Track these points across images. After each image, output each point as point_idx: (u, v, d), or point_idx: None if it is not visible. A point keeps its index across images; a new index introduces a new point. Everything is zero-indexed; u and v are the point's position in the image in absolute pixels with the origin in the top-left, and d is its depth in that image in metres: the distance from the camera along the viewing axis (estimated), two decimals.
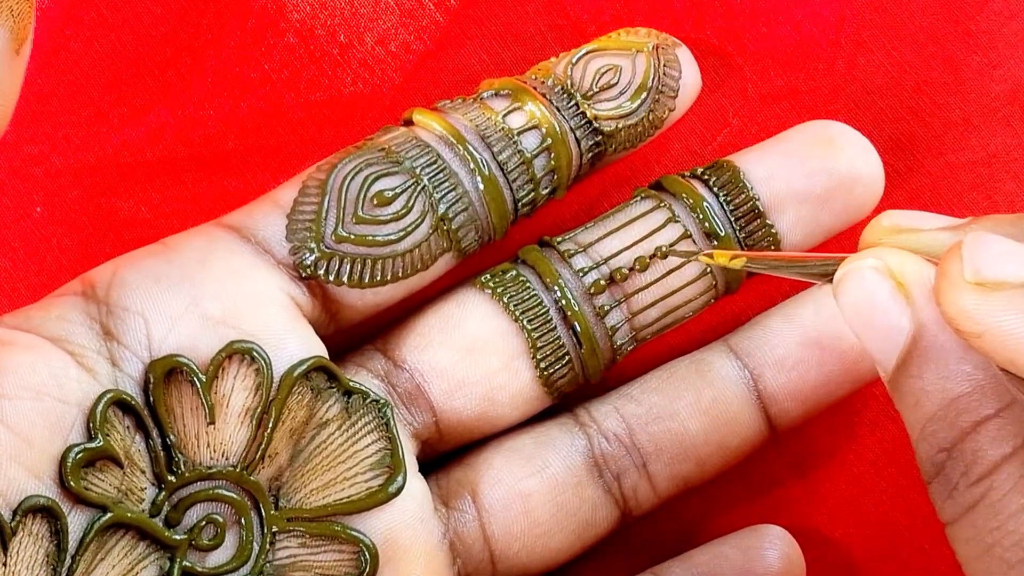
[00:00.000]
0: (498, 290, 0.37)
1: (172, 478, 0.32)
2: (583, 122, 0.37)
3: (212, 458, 0.33)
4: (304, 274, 0.34)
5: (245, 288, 0.34)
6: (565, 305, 0.36)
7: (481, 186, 0.35)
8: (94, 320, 0.33)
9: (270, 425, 0.33)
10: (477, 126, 0.36)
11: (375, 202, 0.35)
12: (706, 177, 0.38)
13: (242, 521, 0.33)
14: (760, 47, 0.41)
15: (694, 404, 0.37)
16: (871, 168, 0.37)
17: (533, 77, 0.37)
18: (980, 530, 0.27)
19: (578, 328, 0.36)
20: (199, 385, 0.33)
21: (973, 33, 0.41)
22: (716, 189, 0.37)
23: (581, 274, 0.37)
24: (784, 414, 0.37)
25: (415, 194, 0.35)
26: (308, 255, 0.34)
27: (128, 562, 0.32)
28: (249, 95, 0.40)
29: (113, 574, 0.31)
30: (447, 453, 0.37)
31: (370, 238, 0.34)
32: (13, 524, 0.30)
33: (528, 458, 0.37)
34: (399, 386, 0.36)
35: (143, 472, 0.32)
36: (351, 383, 0.35)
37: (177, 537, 0.32)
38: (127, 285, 0.33)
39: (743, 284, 0.38)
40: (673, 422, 0.37)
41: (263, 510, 0.33)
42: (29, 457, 0.30)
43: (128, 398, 0.32)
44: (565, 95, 0.37)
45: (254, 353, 0.33)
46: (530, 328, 0.36)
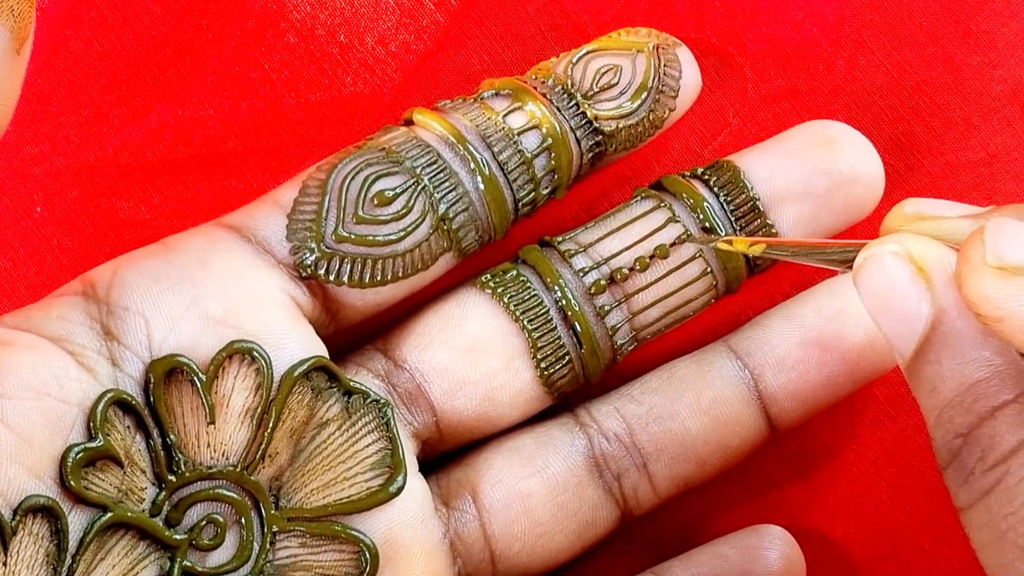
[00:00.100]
0: (498, 290, 0.37)
1: (172, 478, 0.32)
2: (583, 122, 0.37)
3: (212, 458, 0.33)
4: (304, 274, 0.34)
5: (245, 288, 0.34)
6: (565, 305, 0.36)
7: (481, 186, 0.35)
8: (94, 320, 0.33)
9: (270, 425, 0.33)
10: (477, 126, 0.36)
11: (375, 202, 0.35)
12: (706, 177, 0.38)
13: (242, 521, 0.33)
14: (760, 47, 0.41)
15: (694, 404, 0.37)
16: (871, 168, 0.37)
17: (533, 77, 0.37)
18: (995, 516, 0.27)
19: (578, 328, 0.36)
20: (199, 385, 0.33)
21: (973, 33, 0.41)
22: (716, 189, 0.37)
23: (581, 274, 0.37)
24: (784, 414, 0.37)
25: (415, 194, 0.35)
26: (308, 255, 0.34)
27: (128, 562, 0.32)
28: (249, 95, 0.40)
29: (113, 574, 0.31)
30: (447, 453, 0.37)
31: (370, 238, 0.34)
32: (13, 524, 0.30)
33: (528, 458, 0.37)
34: (399, 386, 0.36)
35: (143, 472, 0.32)
36: (351, 383, 0.35)
37: (177, 537, 0.32)
38: (127, 285, 0.33)
39: (743, 284, 0.38)
40: (673, 422, 0.37)
41: (263, 510, 0.33)
42: (29, 457, 0.30)
43: (128, 398, 0.32)
44: (565, 95, 0.37)
45: (254, 353, 0.33)
46: (530, 328, 0.36)
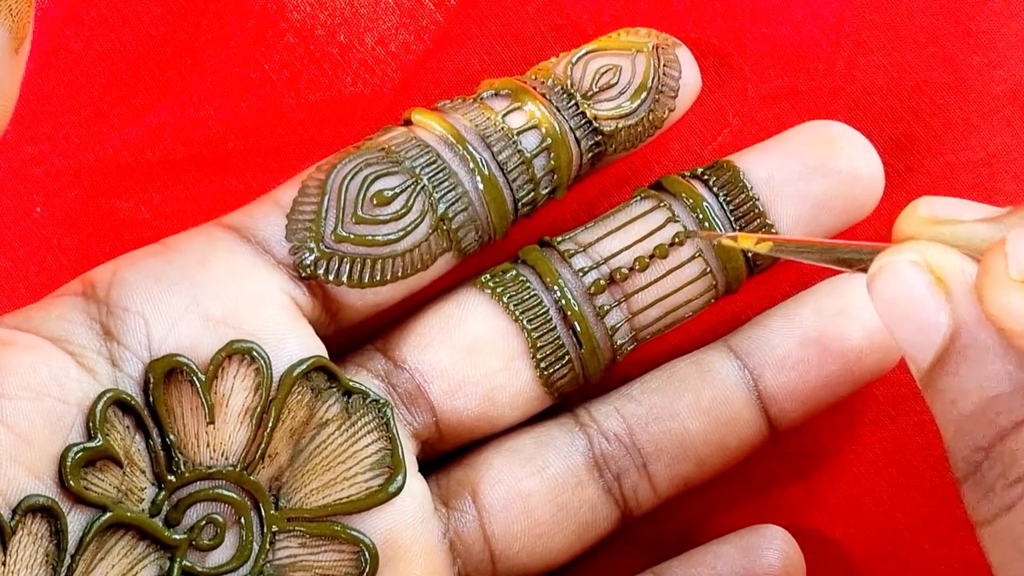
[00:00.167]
0: (498, 290, 0.37)
1: (172, 478, 0.32)
2: (583, 122, 0.37)
3: (212, 458, 0.33)
4: (304, 274, 0.34)
5: (245, 288, 0.34)
6: (565, 305, 0.36)
7: (481, 186, 0.35)
8: (94, 320, 0.33)
9: (270, 425, 0.33)
10: (477, 126, 0.36)
11: (375, 202, 0.35)
12: (706, 177, 0.38)
13: (242, 521, 0.33)
14: (760, 47, 0.41)
15: (694, 404, 0.37)
16: (871, 168, 0.37)
17: (533, 77, 0.37)
18: (1017, 532, 0.27)
19: (578, 328, 0.36)
20: (199, 385, 0.33)
21: (973, 33, 0.41)
22: (716, 189, 0.37)
23: (581, 274, 0.37)
24: (784, 414, 0.37)
25: (414, 194, 0.35)
26: (308, 255, 0.34)
27: (128, 562, 0.32)
28: (249, 95, 0.40)
29: (113, 574, 0.31)
30: (447, 453, 0.37)
31: (370, 238, 0.34)
32: (13, 523, 0.30)
33: (528, 458, 0.37)
34: (399, 386, 0.36)
35: (143, 472, 0.32)
36: (351, 383, 0.35)
37: (177, 537, 0.32)
38: (127, 285, 0.33)
39: (743, 284, 0.38)
40: (673, 422, 0.37)
41: (263, 510, 0.33)
42: (29, 457, 0.30)
43: (128, 398, 0.32)
44: (565, 95, 0.37)
45: (254, 353, 0.33)
46: (530, 328, 0.36)
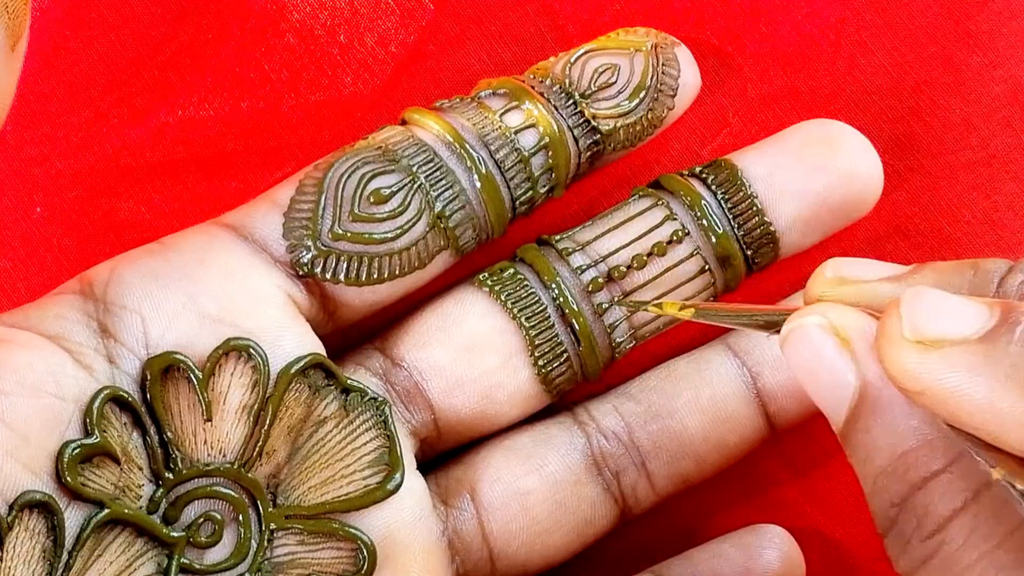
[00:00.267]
0: (496, 288, 0.37)
1: (169, 475, 0.32)
2: (581, 121, 0.37)
3: (210, 455, 0.33)
4: (301, 272, 0.34)
5: (243, 286, 0.34)
6: (563, 303, 0.36)
7: (478, 184, 0.35)
8: (92, 318, 0.33)
9: (267, 422, 0.33)
10: (474, 125, 0.36)
11: (371, 200, 0.35)
12: (704, 175, 0.38)
13: (240, 518, 0.33)
14: (760, 47, 0.41)
15: (693, 402, 0.37)
16: (870, 167, 0.37)
17: (531, 76, 0.37)
18: None
19: (576, 326, 0.36)
20: (196, 382, 0.33)
21: (973, 33, 0.41)
22: (714, 187, 0.37)
23: (579, 272, 0.37)
24: (783, 412, 0.37)
25: (411, 192, 0.35)
26: (305, 253, 0.34)
27: (125, 559, 0.32)
28: (249, 95, 0.40)
29: (110, 571, 0.31)
30: (446, 452, 0.37)
31: (367, 236, 0.34)
32: (9, 519, 0.30)
33: (527, 456, 0.37)
34: (397, 384, 0.36)
35: (140, 469, 0.32)
36: (349, 381, 0.35)
37: (175, 534, 0.32)
38: (124, 283, 0.33)
39: (741, 282, 0.38)
40: (672, 420, 0.37)
41: (261, 507, 0.33)
42: (26, 453, 0.30)
43: (125, 395, 0.32)
44: (563, 94, 0.37)
45: (251, 350, 0.33)
46: (528, 326, 0.36)
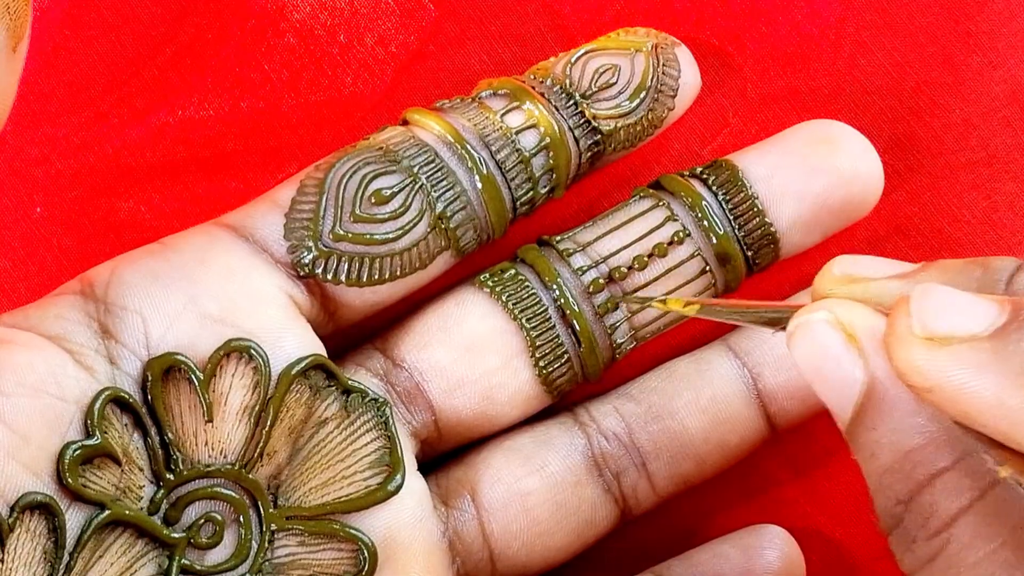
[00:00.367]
0: (497, 289, 0.37)
1: (170, 476, 0.32)
2: (582, 121, 0.37)
3: (210, 456, 0.33)
4: (302, 273, 0.34)
5: (243, 287, 0.34)
6: (564, 304, 0.36)
7: (479, 185, 0.35)
8: (92, 319, 0.33)
9: (268, 423, 0.33)
10: (475, 125, 0.36)
11: (373, 200, 0.35)
12: (705, 176, 0.38)
13: (241, 519, 0.33)
14: (760, 47, 0.41)
15: (693, 403, 0.37)
16: (870, 167, 0.37)
17: (532, 77, 0.37)
18: None
19: (577, 327, 0.36)
20: (197, 383, 0.33)
21: (973, 33, 0.41)
22: (715, 188, 0.37)
23: (580, 273, 0.37)
24: (783, 412, 0.37)
25: (412, 192, 0.35)
26: (306, 254, 0.34)
27: (126, 560, 0.32)
28: (249, 95, 0.40)
29: (111, 572, 0.31)
30: (447, 452, 0.37)
31: (368, 236, 0.34)
32: (11, 521, 0.30)
33: (527, 457, 0.37)
34: (398, 385, 0.36)
35: (141, 470, 0.32)
36: (350, 382, 0.35)
37: (176, 535, 0.32)
38: (125, 284, 0.33)
39: (742, 283, 0.38)
40: (672, 421, 0.37)
41: (262, 508, 0.33)
42: (27, 454, 0.30)
43: (126, 396, 0.32)
44: (564, 94, 0.37)
45: (252, 351, 0.33)
46: (529, 327, 0.36)
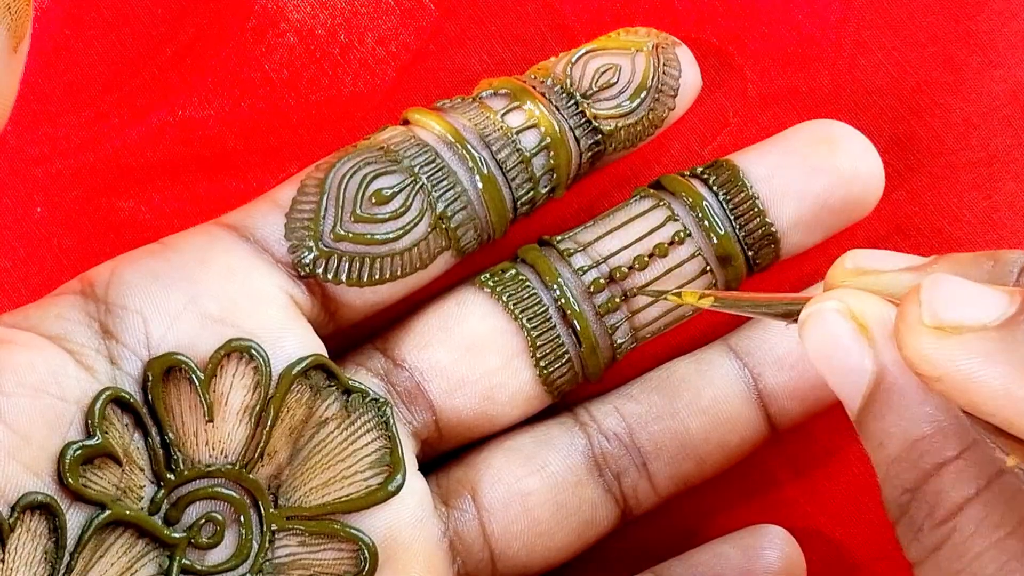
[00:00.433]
0: (497, 289, 0.37)
1: (171, 476, 0.32)
2: (582, 121, 0.37)
3: (211, 456, 0.33)
4: (303, 273, 0.34)
5: (244, 287, 0.34)
6: (564, 304, 0.36)
7: (480, 185, 0.35)
8: (93, 319, 0.33)
9: (269, 423, 0.33)
10: (476, 125, 0.36)
11: (373, 200, 0.35)
12: (705, 176, 0.38)
13: (241, 519, 0.33)
14: (760, 47, 0.41)
15: (694, 403, 0.37)
16: (871, 167, 0.37)
17: (532, 77, 0.37)
18: (945, 571, 0.27)
19: (577, 327, 0.36)
20: (197, 383, 0.33)
21: (973, 33, 0.41)
22: (715, 188, 0.37)
23: (580, 273, 0.37)
24: (784, 413, 0.37)
25: (413, 192, 0.35)
26: (306, 254, 0.34)
27: (127, 560, 0.32)
28: (249, 95, 0.40)
29: (112, 571, 0.31)
30: (447, 452, 0.37)
31: (368, 236, 0.34)
32: (11, 521, 0.30)
33: (528, 457, 0.37)
34: (399, 385, 0.36)
35: (142, 470, 0.32)
36: (350, 382, 0.35)
37: (176, 535, 0.32)
38: (126, 284, 0.33)
39: (743, 283, 0.38)
40: (673, 421, 0.37)
41: (262, 508, 0.33)
42: (27, 454, 0.30)
43: (127, 396, 0.32)
44: (564, 94, 0.37)
45: (252, 351, 0.33)
46: (529, 327, 0.36)
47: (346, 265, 0.34)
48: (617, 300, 0.37)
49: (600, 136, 0.37)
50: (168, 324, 0.33)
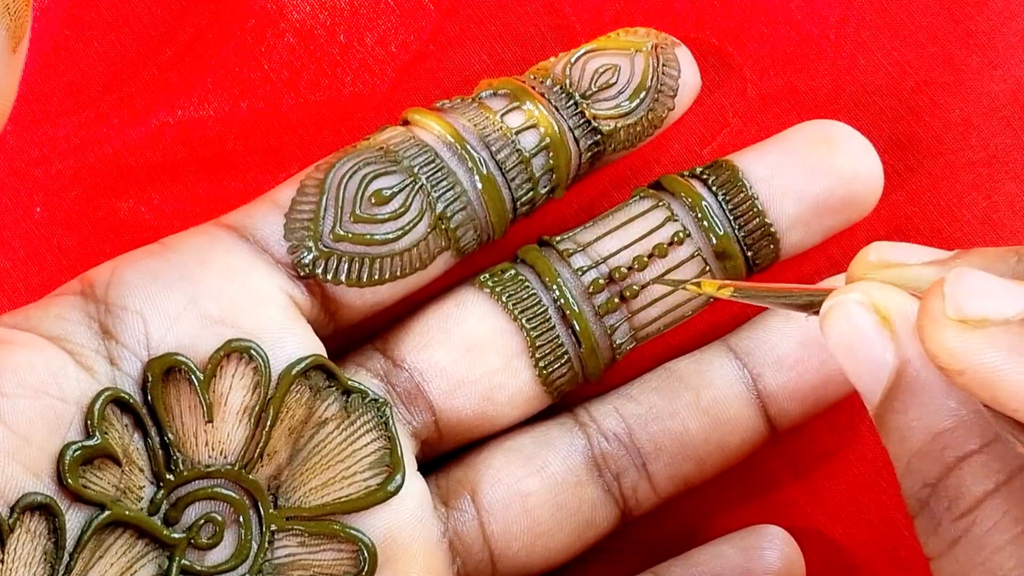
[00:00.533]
0: (497, 289, 0.37)
1: (170, 476, 0.32)
2: (582, 121, 0.37)
3: (211, 456, 0.33)
4: (302, 273, 0.34)
5: (244, 287, 0.34)
6: (564, 304, 0.36)
7: (479, 185, 0.35)
8: (93, 319, 0.33)
9: (268, 423, 0.33)
10: (475, 125, 0.36)
11: (373, 201, 0.35)
12: (705, 176, 0.38)
13: (241, 520, 0.33)
14: (760, 47, 0.41)
15: (694, 404, 0.37)
16: (871, 168, 0.37)
17: (532, 77, 0.37)
18: (964, 565, 0.27)
19: (577, 327, 0.36)
20: (197, 383, 0.33)
21: (973, 33, 0.41)
22: (715, 188, 0.37)
23: (580, 273, 0.37)
24: (784, 414, 0.37)
25: (413, 193, 0.35)
26: (306, 254, 0.34)
27: (126, 560, 0.32)
28: (249, 95, 0.40)
29: (111, 572, 0.31)
30: (447, 453, 0.37)
31: (368, 237, 0.34)
32: (11, 521, 0.30)
33: (528, 458, 0.37)
34: (398, 385, 0.36)
35: (141, 470, 0.32)
36: (350, 382, 0.35)
37: (176, 535, 0.32)
38: (126, 284, 0.33)
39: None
40: (673, 422, 0.37)
41: (262, 509, 0.33)
42: (27, 455, 0.30)
43: (126, 396, 0.32)
44: (564, 95, 0.37)
45: (252, 351, 0.33)
46: (529, 327, 0.36)
47: (346, 265, 0.34)
48: (616, 300, 0.37)
49: (599, 136, 0.37)
50: (168, 324, 0.33)
